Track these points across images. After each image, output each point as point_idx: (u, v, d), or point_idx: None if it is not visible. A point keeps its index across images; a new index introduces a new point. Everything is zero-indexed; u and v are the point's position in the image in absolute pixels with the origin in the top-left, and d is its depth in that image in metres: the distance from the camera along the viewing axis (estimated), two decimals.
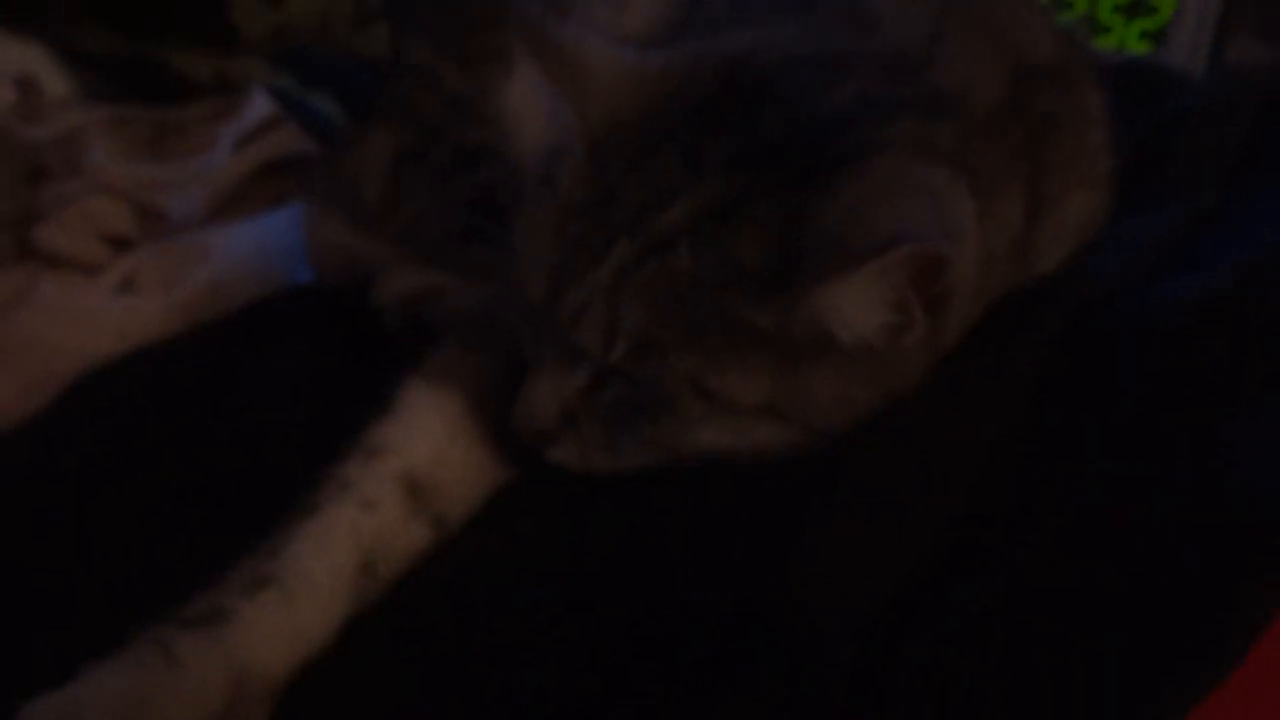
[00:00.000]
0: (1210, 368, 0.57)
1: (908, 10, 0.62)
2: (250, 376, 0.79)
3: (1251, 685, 0.46)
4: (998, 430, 0.56)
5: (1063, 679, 0.47)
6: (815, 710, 0.47)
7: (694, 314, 0.53)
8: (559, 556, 0.57)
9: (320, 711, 0.54)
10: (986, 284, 0.59)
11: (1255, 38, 1.91)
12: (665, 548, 0.55)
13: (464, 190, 0.83)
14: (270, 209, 1.08)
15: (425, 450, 0.61)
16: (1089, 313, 0.61)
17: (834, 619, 0.49)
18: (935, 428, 0.56)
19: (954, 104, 0.57)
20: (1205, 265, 0.66)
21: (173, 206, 0.98)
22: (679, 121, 0.56)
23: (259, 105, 1.08)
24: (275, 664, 0.54)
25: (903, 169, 0.53)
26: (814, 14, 0.62)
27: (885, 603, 0.50)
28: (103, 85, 1.10)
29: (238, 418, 0.75)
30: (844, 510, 0.53)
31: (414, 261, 0.81)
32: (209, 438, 0.74)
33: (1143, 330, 0.59)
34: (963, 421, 0.56)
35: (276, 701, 0.54)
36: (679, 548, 0.55)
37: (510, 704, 0.51)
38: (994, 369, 0.58)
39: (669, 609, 0.52)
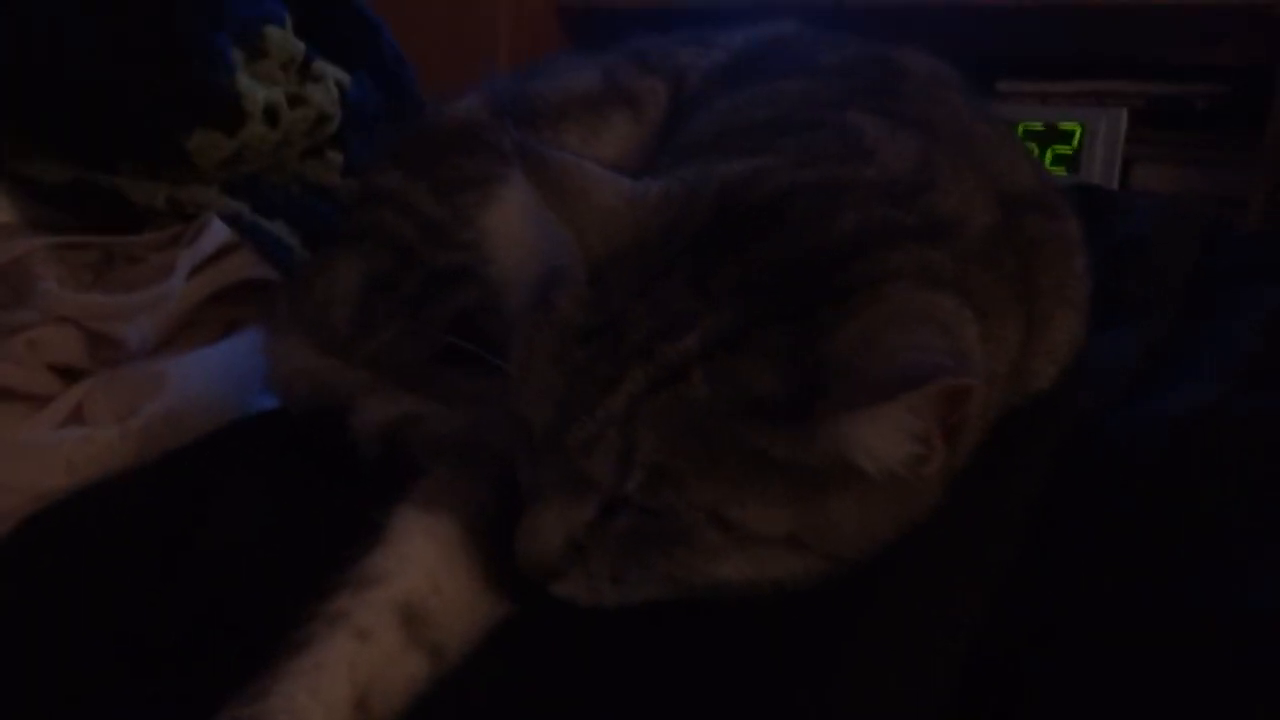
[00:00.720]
0: (1209, 482, 0.58)
1: (897, 140, 0.64)
2: (215, 509, 0.75)
3: None
4: (1008, 549, 0.56)
5: None
6: None
7: (711, 443, 0.52)
8: (570, 694, 0.54)
9: None
10: (989, 405, 0.59)
11: (1155, 163, 2.03)
12: (690, 681, 0.53)
13: (440, 315, 0.82)
14: (222, 335, 1.06)
15: (420, 577, 0.59)
16: (1083, 429, 0.62)
17: None
18: (952, 549, 0.55)
19: (952, 229, 0.59)
20: (1181, 379, 0.68)
21: (128, 334, 0.95)
22: (683, 247, 0.57)
23: (216, 232, 1.06)
24: None
25: (912, 297, 0.54)
26: (805, 145, 0.64)
27: None
28: (48, 214, 1.07)
29: (203, 553, 0.71)
30: (877, 636, 0.52)
31: (389, 388, 0.79)
32: (172, 575, 0.70)
33: (1138, 446, 0.61)
34: (978, 540, 0.56)
35: None
36: (705, 680, 0.52)
37: None
38: (1002, 488, 0.58)
39: None
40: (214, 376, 0.95)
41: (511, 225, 0.81)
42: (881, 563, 0.55)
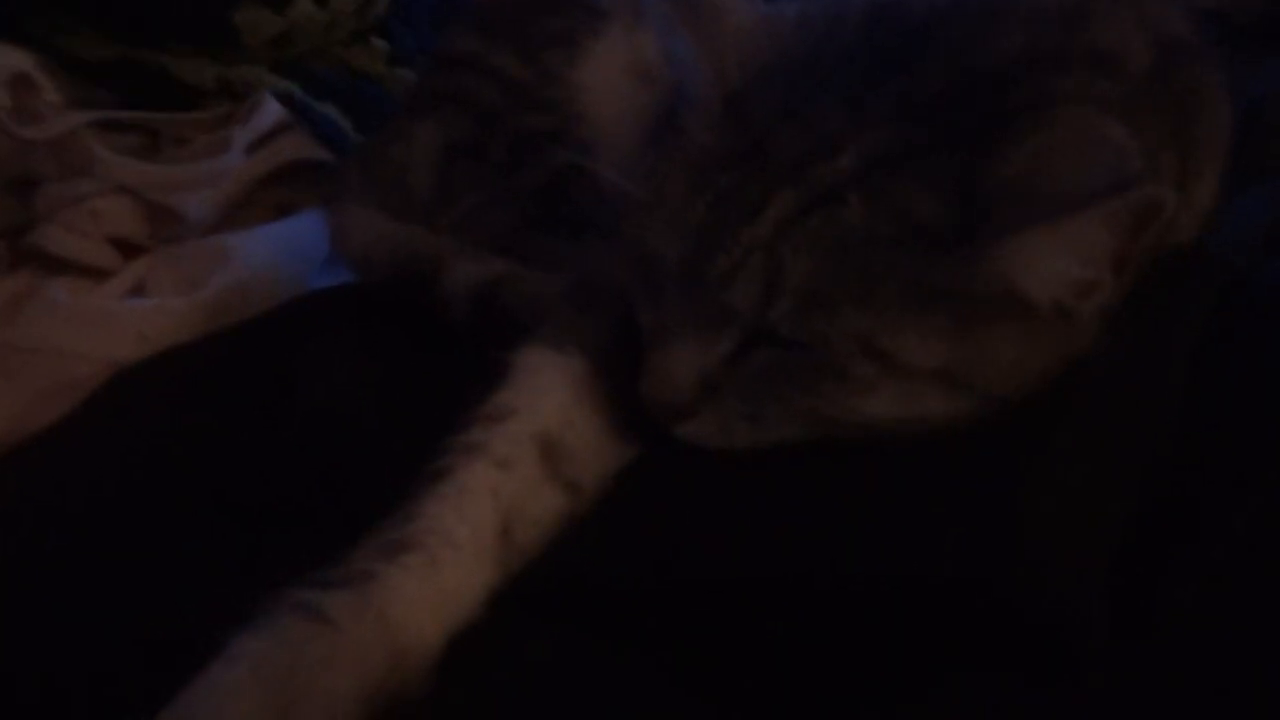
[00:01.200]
0: None
1: None
2: (305, 370, 0.73)
3: None
4: (1171, 400, 0.54)
5: None
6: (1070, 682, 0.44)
7: (867, 269, 0.50)
8: (725, 530, 0.52)
9: (480, 689, 0.49)
10: (1142, 253, 0.57)
11: None
12: (862, 517, 0.51)
13: (529, 179, 0.79)
14: (276, 218, 1.03)
15: (555, 413, 0.57)
16: (1228, 285, 0.60)
17: (1073, 581, 0.46)
18: (1120, 388, 0.53)
19: (1115, 63, 0.56)
20: None
21: (189, 207, 0.91)
22: (830, 68, 0.54)
23: (270, 110, 1.02)
24: (428, 629, 0.49)
25: (1085, 121, 0.51)
26: None
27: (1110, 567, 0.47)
28: (96, 94, 1.03)
29: (301, 411, 0.69)
30: (1057, 468, 0.50)
31: (479, 252, 0.76)
32: (269, 434, 0.68)
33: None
34: (1143, 381, 0.54)
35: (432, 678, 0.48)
36: (878, 516, 0.50)
37: (701, 689, 0.47)
38: (1160, 332, 0.56)
39: (884, 586, 0.48)
40: (279, 251, 0.92)
41: (608, 80, 0.78)
42: (1039, 402, 0.53)
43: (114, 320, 0.81)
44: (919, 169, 0.50)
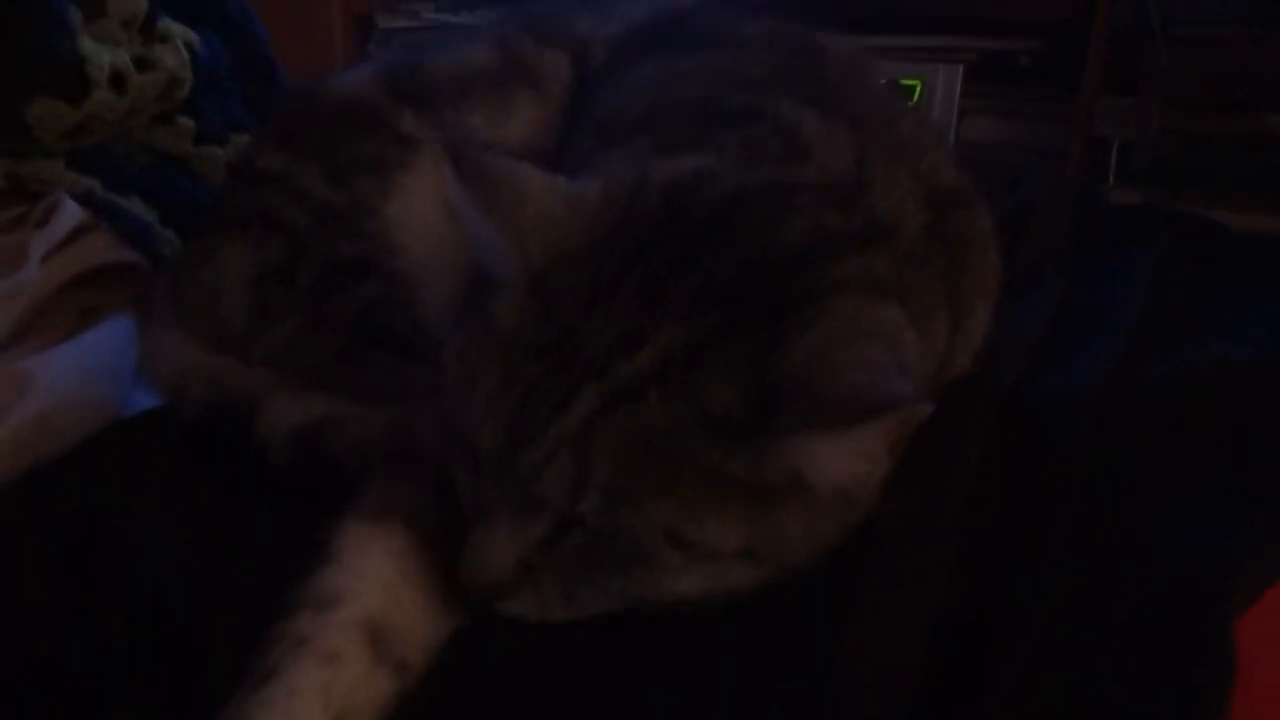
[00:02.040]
0: (1133, 451, 0.62)
1: (833, 136, 0.65)
2: (115, 525, 0.70)
3: None
4: (954, 537, 0.59)
5: None
6: None
7: (668, 462, 0.52)
8: (546, 701, 0.54)
9: None
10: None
11: (986, 116, 2.13)
12: (653, 684, 0.54)
13: (344, 309, 0.79)
14: (79, 323, 0.98)
15: (380, 593, 0.57)
16: (1002, 408, 0.66)
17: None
18: (902, 544, 0.58)
19: (889, 231, 0.61)
20: (1081, 345, 0.73)
21: None
22: (630, 256, 0.56)
23: (69, 212, 0.98)
24: None
25: (858, 310, 0.55)
26: (745, 141, 0.64)
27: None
28: None
29: (113, 574, 0.67)
30: (857, 630, 0.54)
31: (295, 387, 0.75)
32: (77, 602, 0.66)
33: (1058, 422, 0.64)
34: (924, 532, 0.59)
35: None
36: (671, 682, 0.53)
37: None
38: (940, 477, 0.61)
39: None
40: (86, 373, 0.88)
41: (420, 216, 0.78)
42: (835, 563, 0.57)
43: None
44: (713, 362, 0.53)
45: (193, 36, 1.19)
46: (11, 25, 0.98)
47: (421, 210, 0.77)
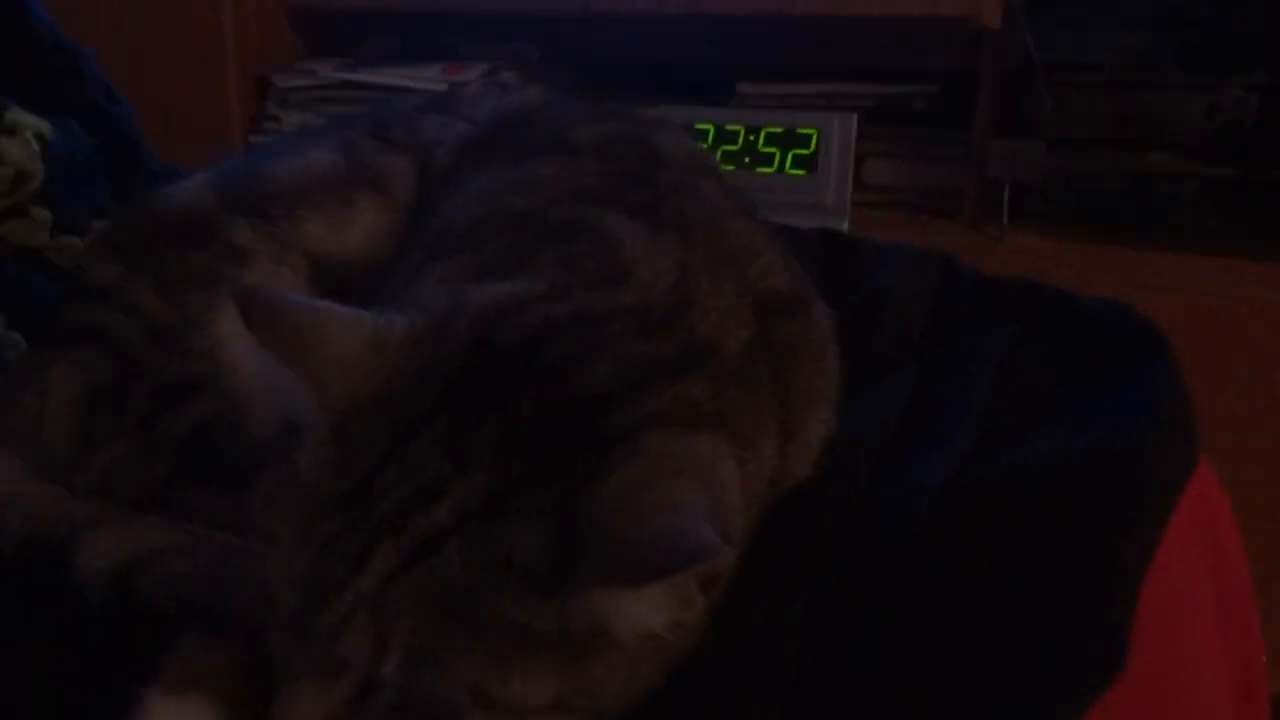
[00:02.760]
0: (952, 562, 0.62)
1: (655, 250, 0.63)
2: None
3: None
4: (786, 657, 0.58)
5: None
6: None
7: (470, 620, 0.51)
8: None
9: None
10: (749, 522, 0.61)
11: (883, 159, 2.16)
12: None
13: (173, 431, 0.76)
14: None
15: None
16: (841, 518, 0.65)
17: None
18: (733, 662, 0.56)
19: (707, 354, 0.59)
20: (929, 442, 0.73)
21: None
22: (435, 398, 0.55)
23: None
24: None
25: (667, 446, 0.54)
26: (562, 261, 0.62)
27: None
28: None
29: None
30: None
31: (119, 516, 0.72)
32: None
33: (900, 531, 0.63)
34: (761, 648, 0.57)
35: None
36: None
37: None
38: (774, 594, 0.59)
39: None
40: None
41: (242, 339, 0.75)
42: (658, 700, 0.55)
43: None
44: (514, 511, 0.52)
45: (45, 127, 1.15)
46: None
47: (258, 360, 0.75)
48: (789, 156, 2.11)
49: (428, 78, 1.97)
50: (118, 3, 1.84)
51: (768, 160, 2.08)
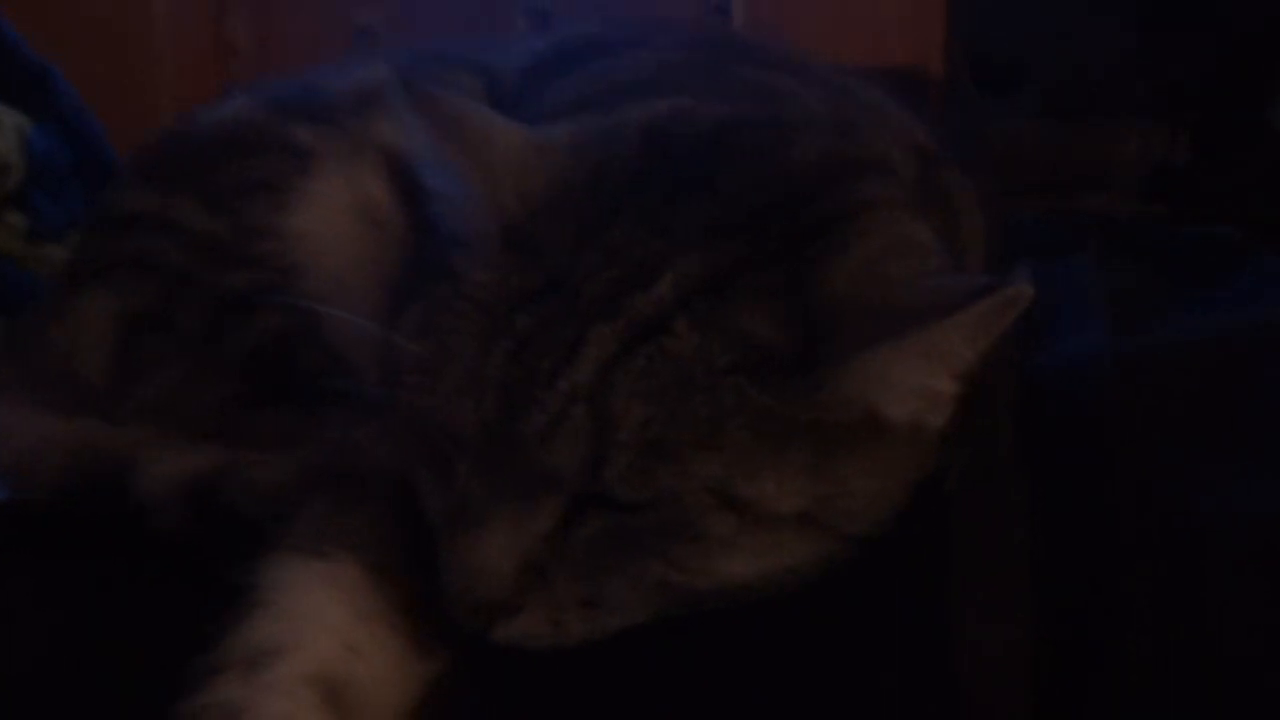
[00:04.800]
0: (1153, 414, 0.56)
1: (807, 92, 0.59)
2: None
3: None
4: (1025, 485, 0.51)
5: None
6: None
7: (711, 406, 0.43)
8: None
9: None
10: None
11: None
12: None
13: (236, 348, 0.66)
14: None
15: (332, 639, 0.44)
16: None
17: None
18: (984, 509, 0.49)
19: (893, 170, 0.55)
20: (1060, 330, 0.68)
21: None
22: (619, 192, 0.48)
23: None
24: None
25: (897, 226, 0.49)
26: (715, 88, 0.57)
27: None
28: None
29: None
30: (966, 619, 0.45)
31: (179, 440, 0.62)
32: None
33: (1077, 397, 0.58)
34: (1002, 480, 0.50)
35: None
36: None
37: None
38: (981, 442, 0.53)
39: None
40: None
41: (330, 224, 0.67)
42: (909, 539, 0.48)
43: None
44: (745, 289, 0.45)
45: (26, 123, 1.06)
46: None
47: (330, 220, 0.67)
48: None
49: None
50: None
51: None
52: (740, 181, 0.48)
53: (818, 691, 0.43)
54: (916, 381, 0.45)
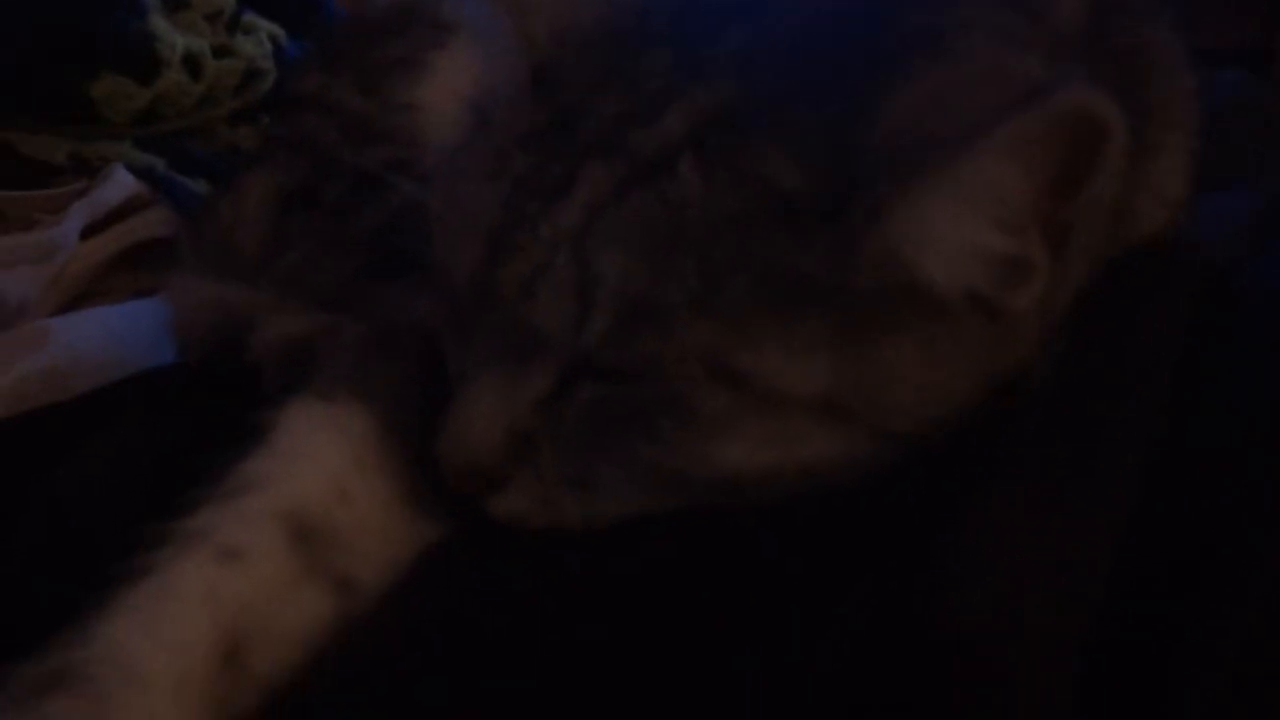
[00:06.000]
0: None
1: None
2: (74, 463, 0.58)
3: None
4: (1150, 426, 0.39)
5: None
6: None
7: (708, 261, 0.37)
8: (531, 655, 0.38)
9: None
10: (1096, 234, 0.44)
11: None
12: (731, 642, 0.36)
13: (367, 222, 0.67)
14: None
15: (320, 480, 0.43)
16: (1214, 285, 0.46)
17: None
18: (1075, 423, 0.39)
19: (1037, 9, 0.44)
20: None
21: (5, 286, 0.79)
22: (664, 24, 0.42)
23: (120, 182, 0.91)
24: None
25: (995, 55, 0.39)
26: None
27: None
28: None
29: (50, 510, 0.55)
30: (989, 549, 0.35)
31: (300, 307, 0.63)
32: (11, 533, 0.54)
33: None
34: (1107, 411, 0.40)
35: None
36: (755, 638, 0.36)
37: None
38: (1129, 346, 0.42)
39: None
40: (111, 335, 0.79)
41: (447, 99, 0.66)
42: (958, 450, 0.39)
43: None
44: (774, 123, 0.38)
45: (281, 33, 1.14)
46: (72, 1, 0.94)
47: (448, 96, 0.65)
48: None
49: None
50: None
51: None
52: (800, 7, 0.41)
53: (763, 633, 0.36)
54: (961, 235, 0.36)
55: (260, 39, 1.10)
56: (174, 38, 0.99)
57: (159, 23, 0.99)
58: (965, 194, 0.35)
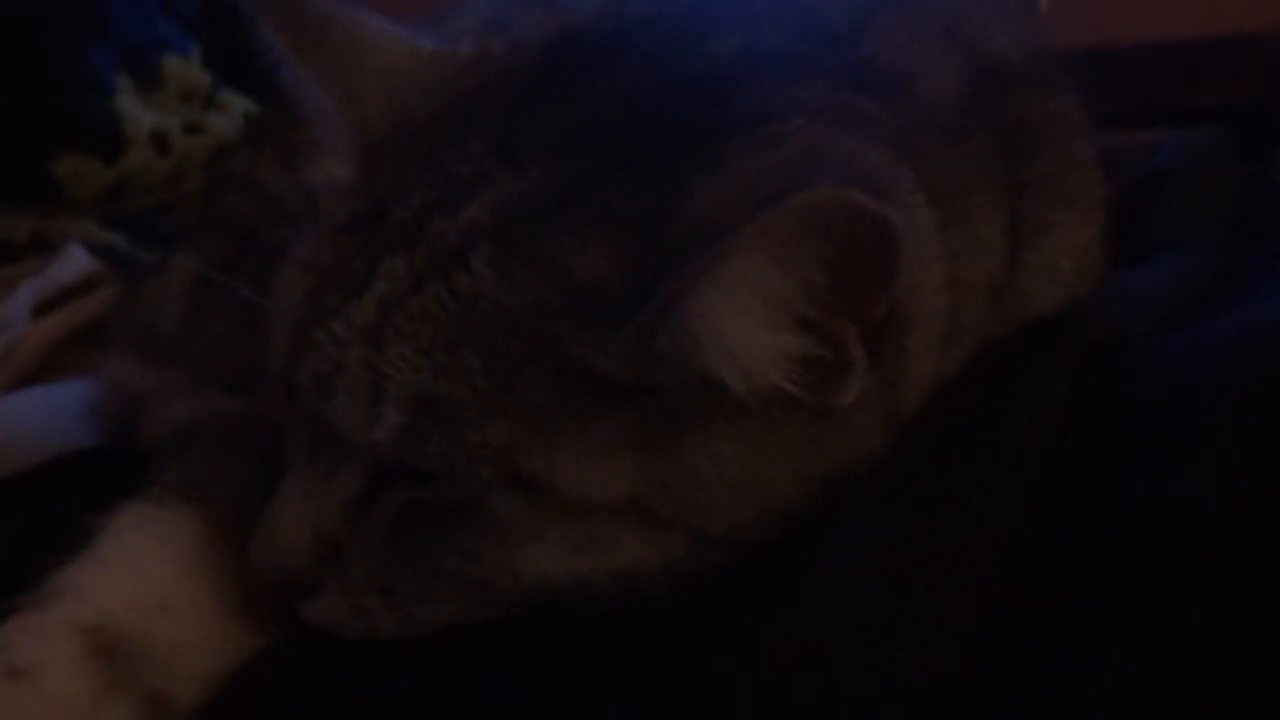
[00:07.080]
0: None
1: None
2: None
3: None
4: (1013, 523, 0.36)
5: None
6: None
7: (500, 357, 0.35)
8: None
9: None
10: (959, 328, 0.41)
11: None
12: None
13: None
14: None
15: (137, 590, 0.41)
16: (1104, 363, 0.43)
17: None
18: (915, 522, 0.36)
19: (897, 88, 0.41)
20: (1244, 301, 0.49)
21: None
22: (491, 108, 0.40)
23: (74, 259, 0.91)
24: None
25: (822, 139, 0.36)
26: None
27: None
28: None
29: None
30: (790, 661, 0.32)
31: (197, 387, 0.61)
32: None
33: (1214, 369, 0.40)
34: (958, 510, 0.36)
35: None
36: None
37: None
38: (993, 435, 0.38)
39: None
40: (40, 414, 0.78)
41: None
42: (799, 543, 0.36)
43: None
44: (582, 212, 0.36)
45: (253, 108, 1.15)
46: (38, 81, 0.95)
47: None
48: None
49: None
50: None
51: None
52: (627, 87, 0.39)
53: None
54: (739, 333, 0.33)
55: (233, 115, 1.11)
56: (141, 116, 1.01)
57: (126, 102, 1.00)
58: (731, 291, 0.33)
